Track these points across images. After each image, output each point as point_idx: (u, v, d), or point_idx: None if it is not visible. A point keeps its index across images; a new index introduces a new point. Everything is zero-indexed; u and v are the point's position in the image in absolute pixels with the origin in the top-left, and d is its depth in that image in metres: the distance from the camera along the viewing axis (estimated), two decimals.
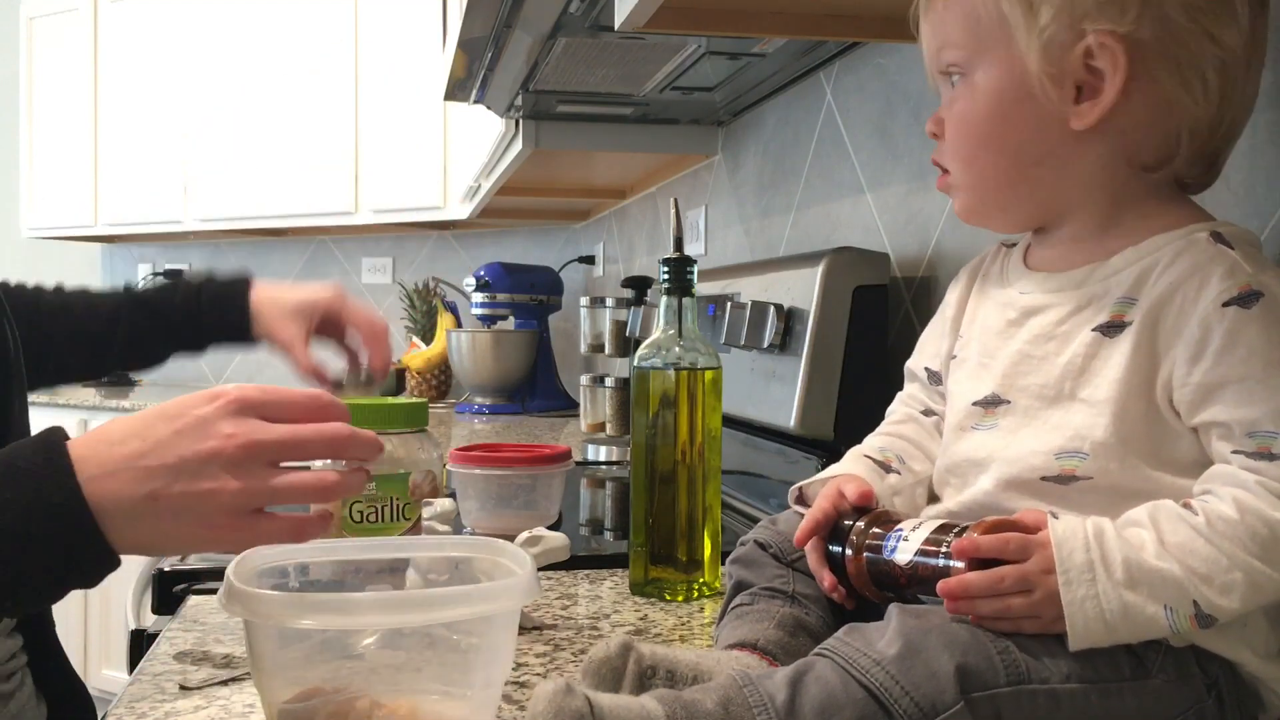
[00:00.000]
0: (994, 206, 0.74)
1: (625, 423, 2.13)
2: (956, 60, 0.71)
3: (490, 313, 3.04)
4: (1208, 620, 0.58)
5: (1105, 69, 0.65)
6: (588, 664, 0.65)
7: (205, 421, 0.68)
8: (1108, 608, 0.58)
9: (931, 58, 0.74)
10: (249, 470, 0.68)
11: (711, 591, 1.01)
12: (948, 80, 0.73)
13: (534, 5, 1.38)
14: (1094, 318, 0.67)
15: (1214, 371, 0.61)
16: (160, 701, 0.74)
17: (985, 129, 0.70)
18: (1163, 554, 0.59)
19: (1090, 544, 0.59)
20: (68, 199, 4.02)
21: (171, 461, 0.67)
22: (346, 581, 0.73)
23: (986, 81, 0.69)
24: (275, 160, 3.61)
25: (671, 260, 1.01)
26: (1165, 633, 0.59)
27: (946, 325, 0.80)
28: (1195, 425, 0.63)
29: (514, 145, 2.16)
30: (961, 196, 0.75)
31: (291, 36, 3.58)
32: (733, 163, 2.03)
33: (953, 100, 0.72)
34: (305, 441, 0.70)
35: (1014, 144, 0.69)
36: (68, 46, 3.99)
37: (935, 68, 0.74)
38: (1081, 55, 0.65)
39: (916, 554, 0.66)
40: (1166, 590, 0.58)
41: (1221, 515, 0.59)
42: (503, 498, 1.13)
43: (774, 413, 1.31)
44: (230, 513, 0.69)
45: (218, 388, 0.71)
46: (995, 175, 0.71)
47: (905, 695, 0.56)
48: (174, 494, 0.67)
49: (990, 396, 0.71)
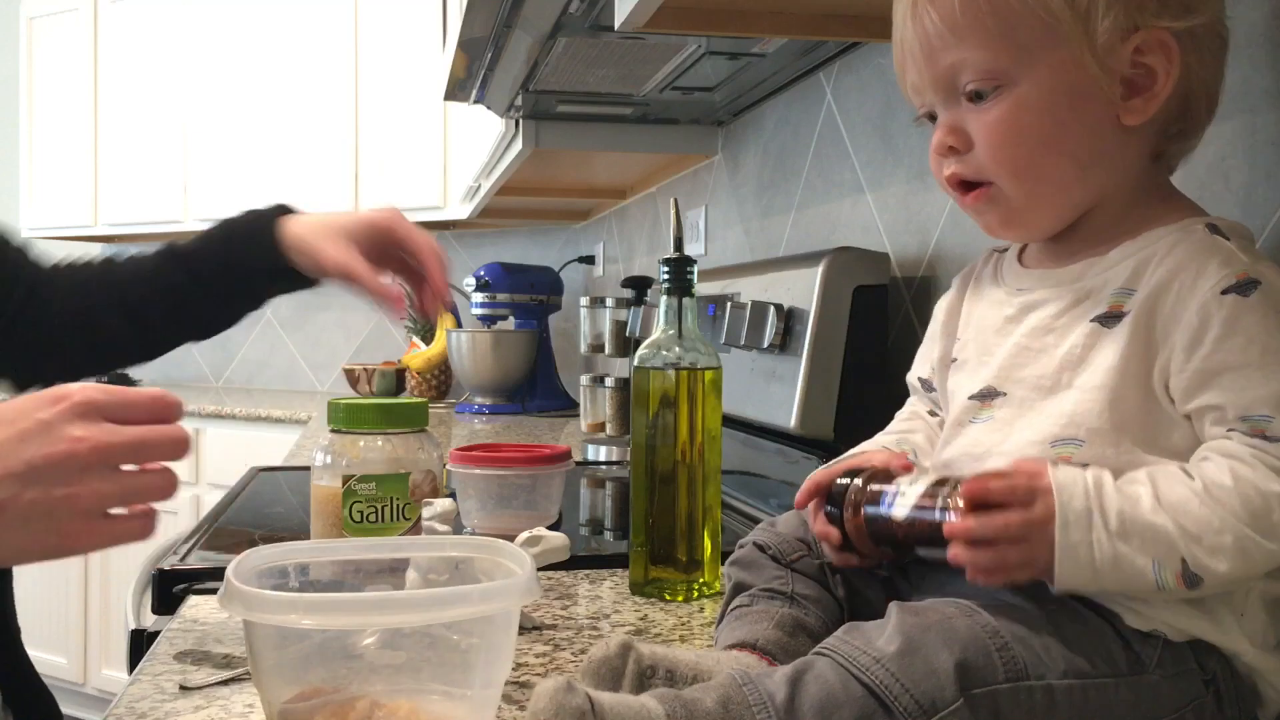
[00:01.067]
0: (1046, 213, 0.71)
1: (625, 423, 2.13)
2: (987, 75, 0.67)
3: (490, 313, 3.04)
4: (1194, 580, 0.59)
5: (1157, 64, 0.65)
6: (587, 664, 0.65)
7: (51, 425, 0.66)
8: (1099, 555, 0.59)
9: (936, 81, 0.70)
10: (101, 474, 0.67)
11: (711, 591, 1.01)
12: (952, 97, 0.70)
13: (534, 5, 1.38)
14: (1092, 309, 0.67)
15: (1212, 358, 0.61)
16: (160, 701, 0.74)
17: (1043, 134, 0.68)
18: (1157, 509, 0.59)
19: (1090, 491, 0.60)
20: (67, 199, 4.02)
21: (18, 468, 0.65)
22: (346, 581, 0.73)
23: (1038, 87, 0.67)
24: (275, 160, 3.61)
25: (671, 260, 1.01)
26: (1150, 587, 0.59)
27: (937, 331, 0.81)
28: (1189, 411, 0.63)
29: (514, 145, 2.16)
30: (1005, 208, 0.71)
31: (291, 36, 3.58)
32: (733, 163, 2.03)
33: (983, 110, 0.68)
34: (152, 444, 0.69)
35: (1071, 147, 0.68)
36: (68, 46, 3.99)
37: (940, 90, 0.70)
38: (1131, 52, 0.65)
39: (913, 509, 0.67)
40: (1157, 545, 0.59)
41: (1217, 480, 0.59)
42: (503, 498, 1.13)
43: (774, 413, 1.31)
44: (84, 516, 0.67)
45: (59, 388, 0.68)
46: (1056, 180, 0.69)
47: (905, 693, 0.56)
48: (24, 501, 0.65)
49: (986, 389, 0.72)
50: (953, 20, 0.67)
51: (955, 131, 0.70)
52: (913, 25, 0.69)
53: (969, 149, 0.70)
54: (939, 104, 0.71)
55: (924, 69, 0.70)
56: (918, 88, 0.72)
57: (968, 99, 0.69)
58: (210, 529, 1.29)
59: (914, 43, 0.70)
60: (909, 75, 0.72)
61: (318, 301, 4.18)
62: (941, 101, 0.71)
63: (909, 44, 0.70)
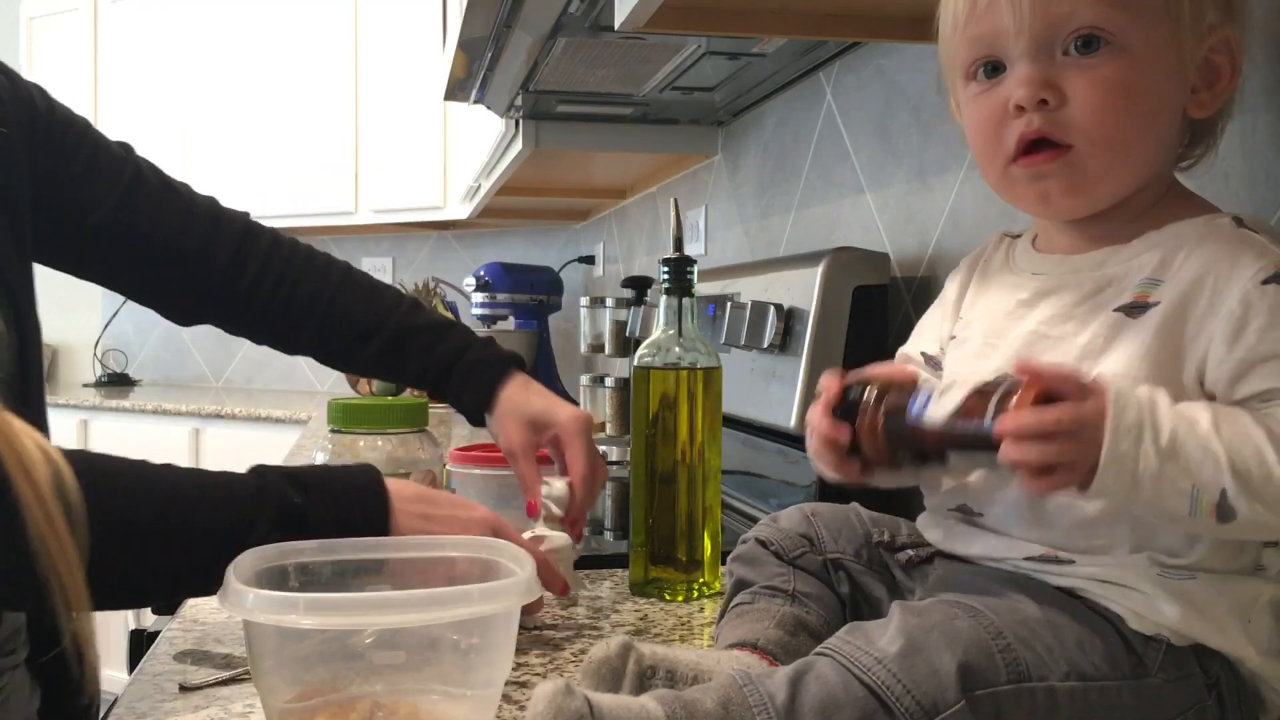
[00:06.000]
0: (1114, 186, 0.68)
1: (625, 423, 2.13)
2: (1105, 23, 0.63)
3: (490, 313, 3.04)
4: (1228, 513, 0.57)
5: (1224, 64, 0.67)
6: (587, 664, 0.65)
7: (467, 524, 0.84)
8: (1144, 468, 0.57)
9: (1043, 20, 0.65)
10: None
11: (711, 591, 1.01)
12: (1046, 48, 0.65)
13: (534, 5, 1.38)
14: (1115, 299, 0.66)
15: (1258, 348, 0.60)
16: (160, 701, 0.74)
17: (1148, 105, 0.65)
18: (1213, 436, 0.57)
19: (1144, 406, 0.58)
20: None
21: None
22: (346, 581, 0.73)
23: (1148, 55, 0.64)
24: (275, 160, 3.61)
25: (671, 260, 1.01)
26: (1182, 514, 0.57)
27: (948, 309, 0.79)
28: (1236, 400, 0.61)
29: (514, 145, 2.16)
30: (1077, 175, 0.66)
31: (291, 36, 3.58)
32: (733, 163, 2.03)
33: (1091, 66, 0.64)
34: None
35: (1159, 125, 0.67)
36: (68, 46, 3.99)
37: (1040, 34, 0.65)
38: (1207, 50, 0.66)
39: (953, 414, 0.62)
40: (1203, 470, 0.57)
41: (1276, 429, 0.58)
42: (503, 498, 1.13)
43: (774, 413, 1.31)
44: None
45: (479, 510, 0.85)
46: (1138, 155, 0.66)
47: (907, 694, 0.56)
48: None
49: (1001, 376, 0.71)
50: None
51: (1051, 86, 0.65)
52: None
53: (1060, 106, 0.65)
54: (1025, 54, 0.65)
55: (1027, 9, 0.64)
56: (1000, 35, 0.66)
57: (1073, 50, 0.64)
58: None
59: None
60: (996, 18, 0.66)
61: None
62: (1033, 50, 0.65)
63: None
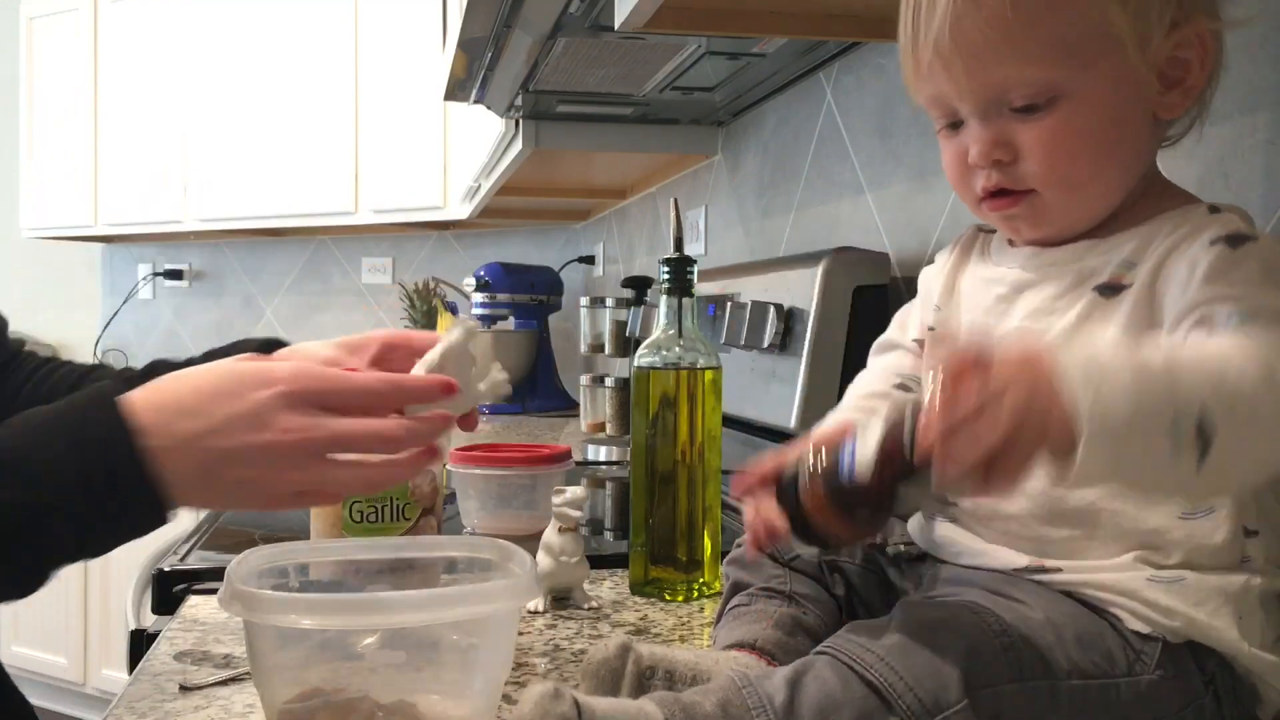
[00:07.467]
0: (1083, 215, 0.69)
1: (625, 423, 2.13)
2: (1044, 90, 0.64)
3: (490, 313, 3.04)
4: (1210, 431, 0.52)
5: (1192, 58, 0.66)
6: (586, 665, 0.65)
7: (262, 411, 0.68)
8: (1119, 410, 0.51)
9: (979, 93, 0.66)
10: (299, 462, 0.69)
11: (711, 591, 1.01)
12: (993, 109, 0.66)
13: (534, 5, 1.38)
14: (1093, 282, 0.67)
15: (1201, 292, 0.61)
16: (160, 701, 0.74)
17: (1099, 143, 0.66)
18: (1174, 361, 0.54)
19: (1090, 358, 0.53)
20: (67, 199, 4.02)
21: (228, 446, 0.68)
22: (346, 581, 0.73)
23: (1092, 96, 0.65)
24: (275, 160, 3.60)
25: (671, 260, 1.01)
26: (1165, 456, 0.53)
27: (933, 298, 0.80)
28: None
29: (514, 145, 2.16)
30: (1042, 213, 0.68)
31: (291, 37, 3.58)
32: (733, 163, 2.03)
33: (1035, 122, 0.65)
34: (358, 438, 0.70)
35: (1126, 149, 0.67)
36: (68, 46, 3.98)
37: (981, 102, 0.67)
38: (1171, 48, 0.66)
39: (879, 446, 0.57)
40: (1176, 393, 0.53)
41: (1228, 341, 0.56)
42: (503, 498, 1.13)
43: (774, 413, 1.31)
44: (279, 498, 0.71)
45: (274, 368, 0.70)
46: (1103, 185, 0.68)
47: (909, 690, 0.56)
48: (229, 477, 0.68)
49: None
50: (1005, 30, 0.63)
51: (1001, 144, 0.67)
52: (951, 34, 0.65)
53: (1014, 161, 0.67)
54: (973, 115, 0.68)
55: (963, 80, 0.66)
56: (945, 98, 0.68)
57: (1017, 112, 0.66)
58: (210, 529, 1.29)
59: (951, 52, 0.65)
60: (937, 84, 0.68)
61: (317, 302, 4.19)
62: (979, 113, 0.67)
63: (944, 52, 0.66)
